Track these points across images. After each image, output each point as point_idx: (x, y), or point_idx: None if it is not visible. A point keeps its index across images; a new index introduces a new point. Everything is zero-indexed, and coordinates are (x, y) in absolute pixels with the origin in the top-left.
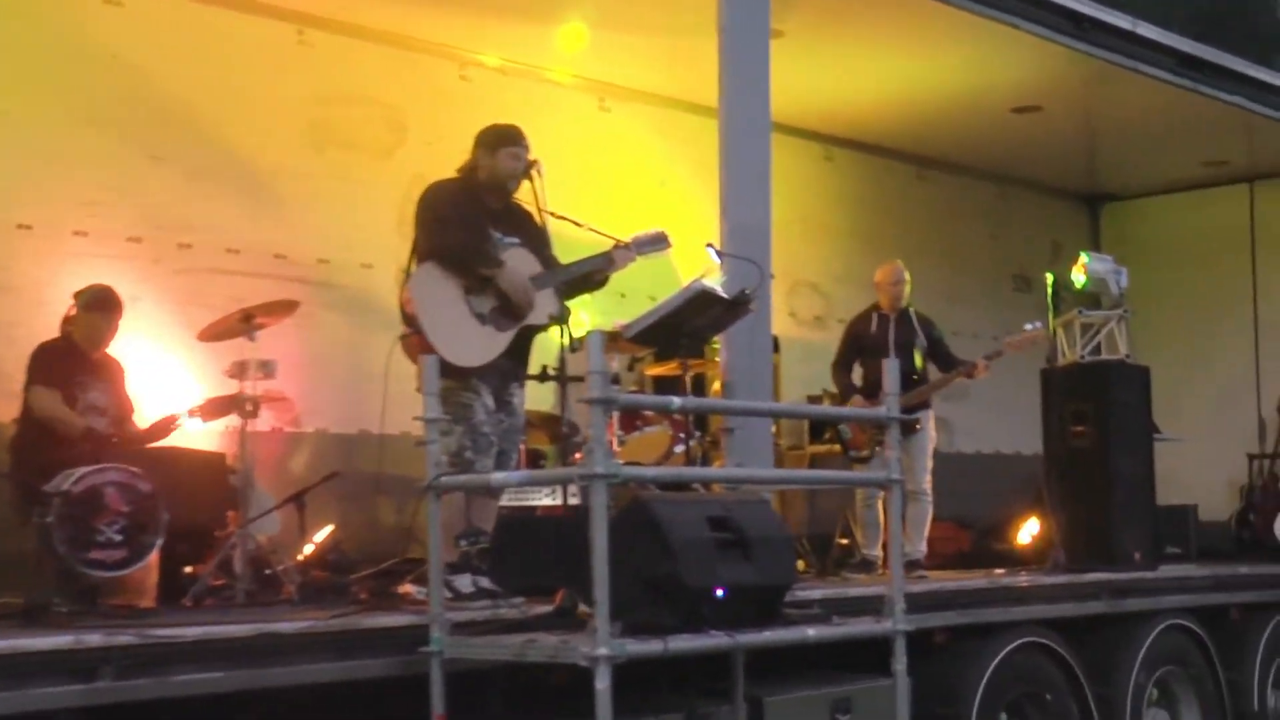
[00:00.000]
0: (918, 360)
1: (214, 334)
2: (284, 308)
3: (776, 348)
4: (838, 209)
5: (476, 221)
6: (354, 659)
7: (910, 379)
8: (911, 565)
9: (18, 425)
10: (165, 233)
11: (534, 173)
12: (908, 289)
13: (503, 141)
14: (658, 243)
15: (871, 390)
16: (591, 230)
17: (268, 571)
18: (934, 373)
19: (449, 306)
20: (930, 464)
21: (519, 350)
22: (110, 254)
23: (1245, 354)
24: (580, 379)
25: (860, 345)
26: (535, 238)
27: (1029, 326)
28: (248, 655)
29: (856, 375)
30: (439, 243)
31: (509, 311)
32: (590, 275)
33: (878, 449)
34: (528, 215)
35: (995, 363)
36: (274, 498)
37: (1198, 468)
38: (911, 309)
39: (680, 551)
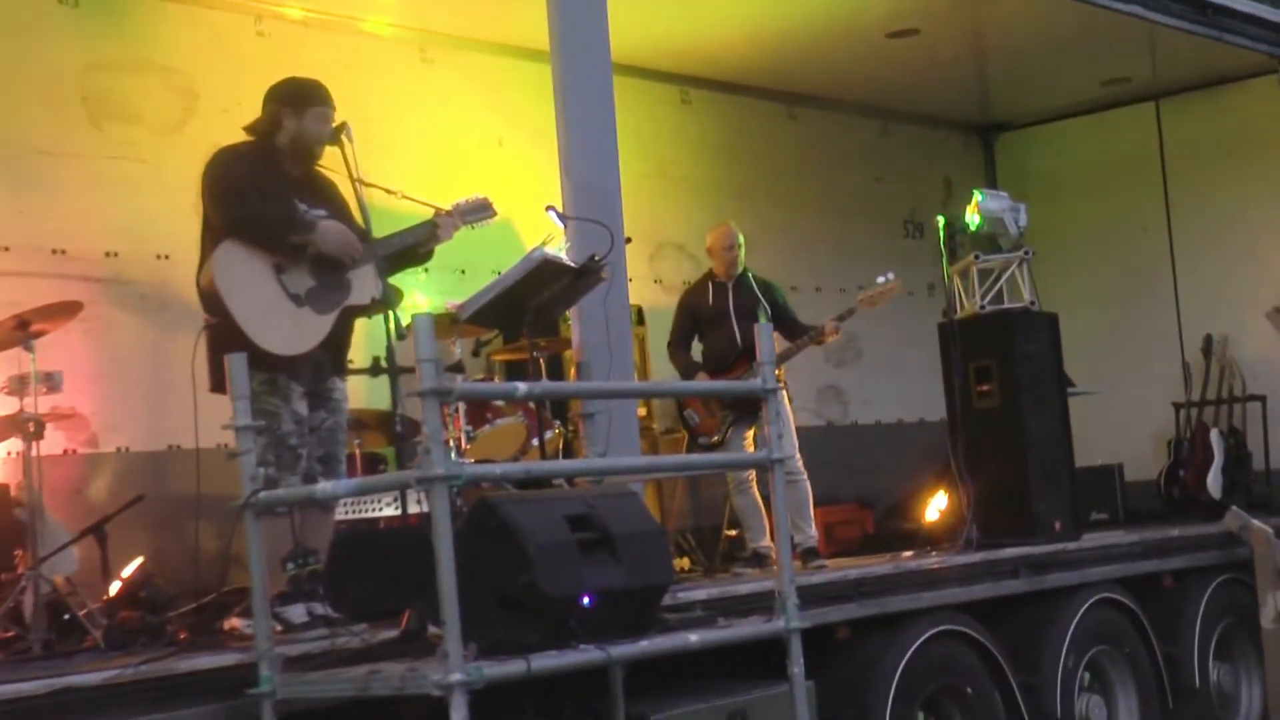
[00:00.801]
0: None
1: None
2: (66, 310)
3: (641, 319)
4: (700, 158)
5: (278, 190)
6: (171, 709)
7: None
8: (809, 554)
9: None
10: None
11: (343, 136)
12: (743, 253)
13: (310, 100)
14: (482, 211)
15: (717, 366)
16: (407, 198)
17: (67, 617)
18: (781, 342)
19: (259, 287)
20: (795, 440)
21: (338, 337)
22: None
23: (1164, 291)
24: (411, 370)
25: (698, 318)
26: (342, 210)
27: (881, 279)
28: (44, 716)
29: (696, 352)
30: (237, 215)
31: (328, 289)
32: (413, 248)
33: (730, 432)
34: (332, 184)
35: (849, 322)
36: (70, 531)
37: (1120, 422)
38: (750, 273)
39: (537, 557)
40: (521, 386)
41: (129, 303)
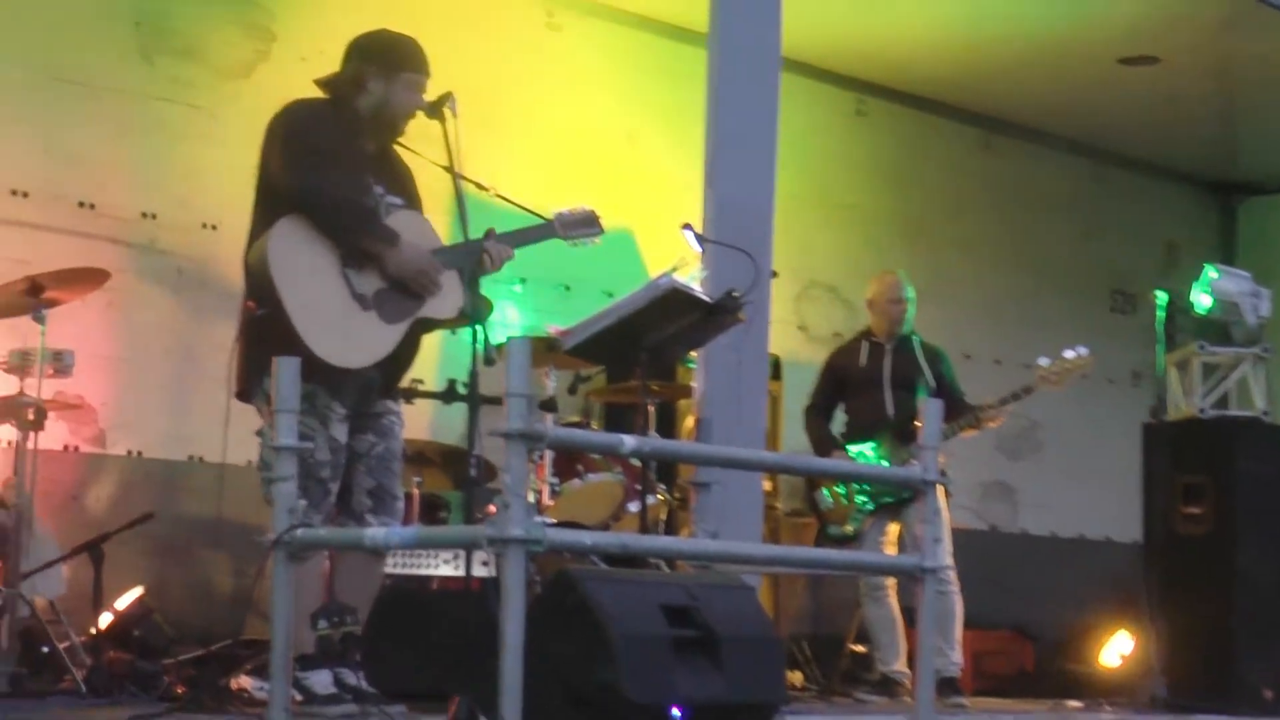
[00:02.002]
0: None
1: None
2: (88, 278)
3: (777, 373)
4: (870, 183)
5: (356, 167)
6: None
7: (910, 428)
8: (946, 686)
9: None
10: None
11: (446, 109)
12: (911, 310)
13: (403, 63)
14: (586, 226)
15: (861, 442)
16: (502, 198)
17: (45, 649)
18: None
19: (321, 279)
20: (950, 545)
21: (401, 353)
22: None
23: None
24: (497, 402)
25: (844, 382)
26: (415, 202)
27: (1070, 353)
28: None
29: (839, 423)
30: (311, 185)
31: (401, 295)
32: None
33: (866, 522)
34: (408, 170)
35: (1029, 406)
36: (60, 545)
37: None
38: (916, 336)
39: (622, 651)
40: (628, 440)
41: (163, 276)
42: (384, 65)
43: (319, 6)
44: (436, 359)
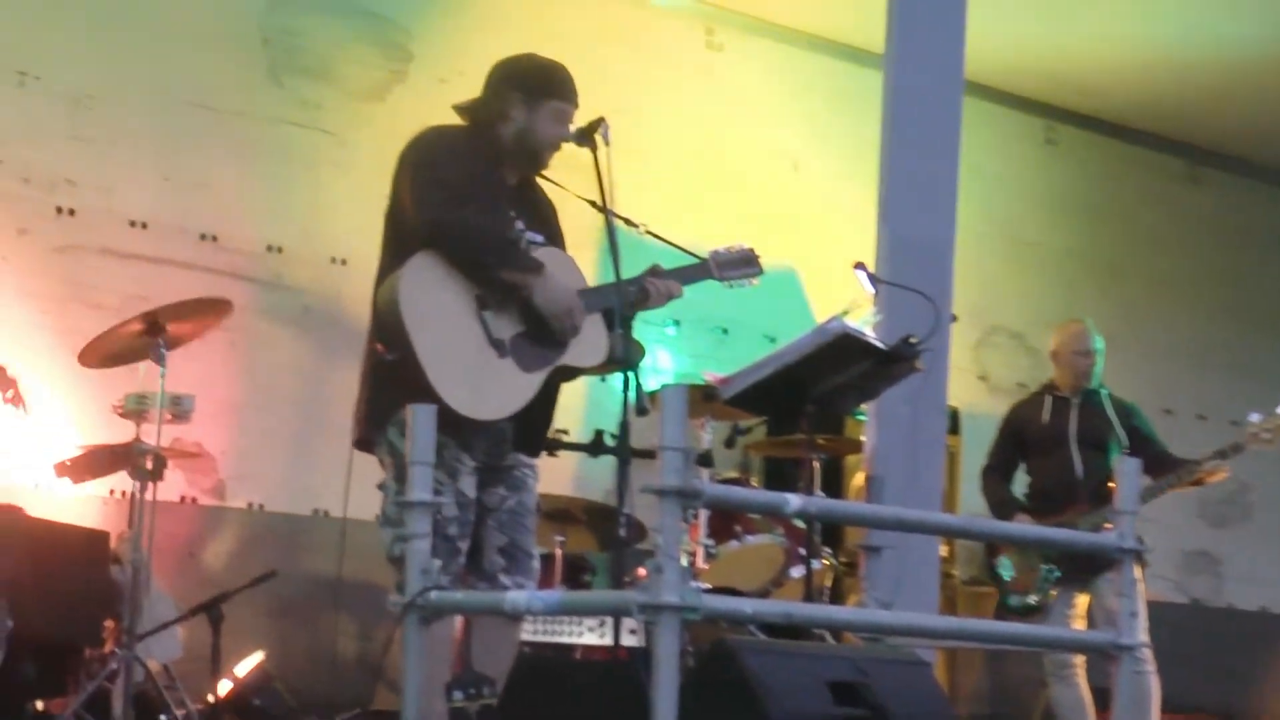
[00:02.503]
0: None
1: (102, 349)
2: (210, 312)
3: (955, 427)
4: (1060, 219)
5: (496, 199)
6: None
7: (1103, 488)
8: None
9: None
10: (35, 189)
11: (598, 137)
12: (1099, 363)
13: (548, 90)
14: (744, 267)
15: (1045, 505)
16: (652, 235)
17: (162, 718)
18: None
19: (455, 322)
20: (1146, 620)
21: (539, 403)
22: None
23: None
24: (650, 455)
25: (1026, 440)
26: (556, 235)
27: None
28: None
29: (1020, 485)
30: (446, 220)
31: (540, 341)
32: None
33: (1052, 593)
34: (550, 203)
35: (1235, 467)
36: (177, 605)
37: None
38: (1105, 390)
39: None
40: (793, 499)
41: (288, 315)
42: (528, 93)
43: (460, 24)
44: (583, 408)
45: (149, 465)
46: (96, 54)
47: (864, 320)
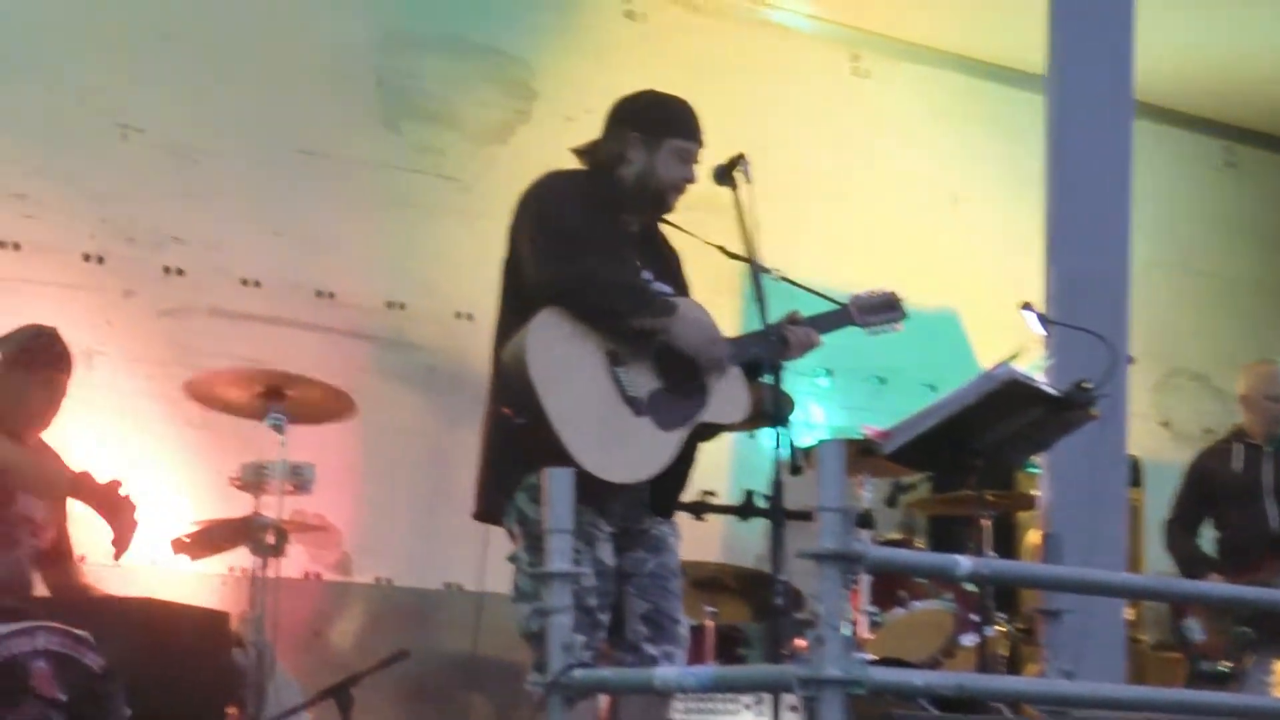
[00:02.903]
0: None
1: (215, 389)
2: (333, 402)
3: (1137, 478)
4: (1243, 249)
5: (619, 247)
6: None
7: None
8: None
9: None
10: (142, 249)
11: (738, 174)
12: None
13: (669, 128)
14: (886, 312)
15: (1237, 561)
16: (787, 281)
17: None
18: None
19: (588, 382)
20: None
21: (678, 464)
22: (54, 279)
23: None
24: (806, 517)
25: (1213, 491)
26: (684, 286)
27: None
28: None
29: (1207, 540)
30: (570, 273)
31: (679, 397)
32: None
33: (1248, 659)
34: (673, 251)
35: None
36: (303, 688)
37: None
38: None
39: None
40: (963, 561)
41: (412, 375)
42: (647, 132)
43: (586, 58)
44: (731, 467)
45: (270, 540)
46: (202, 104)
47: (1033, 365)
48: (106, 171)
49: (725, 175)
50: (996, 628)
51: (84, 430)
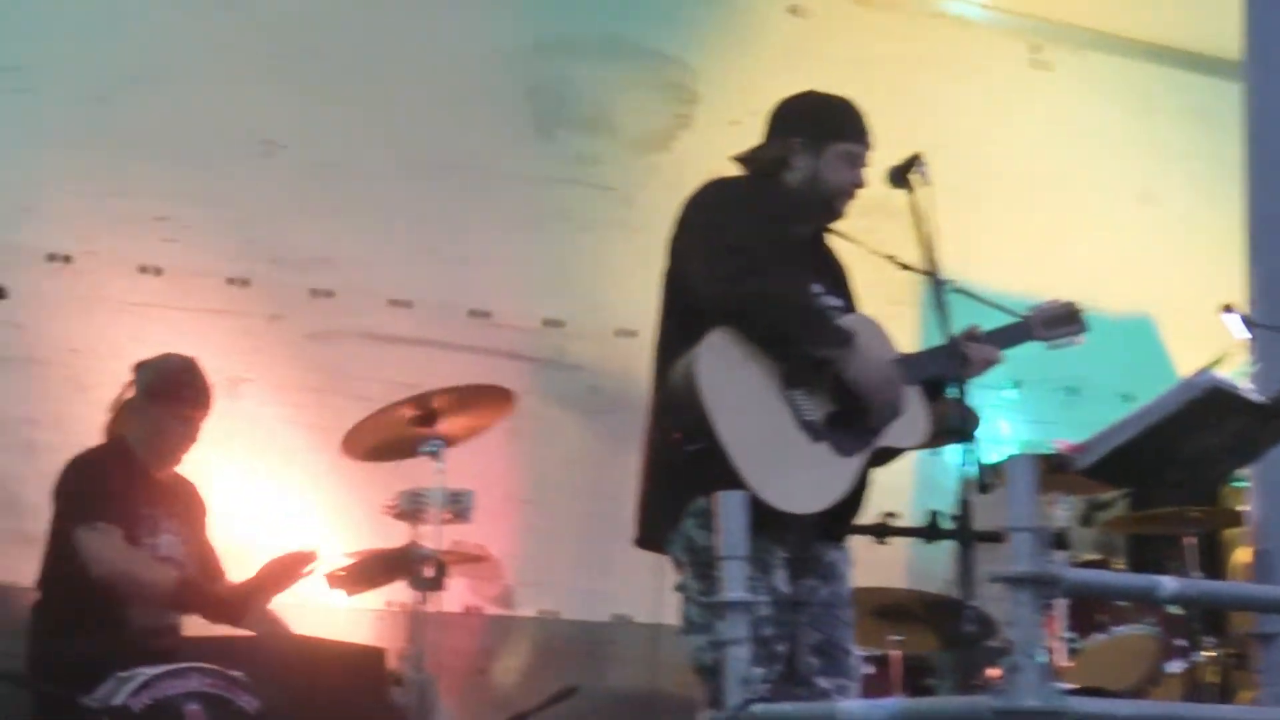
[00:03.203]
0: None
1: (369, 443)
2: (490, 401)
3: None
4: None
5: (790, 261)
6: None
7: None
8: None
9: (41, 592)
10: (288, 271)
11: (915, 174)
12: None
13: (833, 131)
14: (1065, 325)
15: None
16: (963, 294)
17: None
18: None
19: (762, 406)
20: None
21: (855, 490)
22: (197, 304)
23: None
24: (996, 538)
25: None
26: (853, 298)
27: None
28: None
29: None
30: (739, 291)
31: (858, 419)
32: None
33: None
34: (839, 257)
35: None
36: None
37: None
38: None
39: None
40: (1167, 582)
41: (573, 397)
42: (811, 135)
43: (750, 57)
44: (912, 486)
45: (429, 572)
46: (347, 118)
47: (1237, 371)
48: (250, 191)
49: (900, 177)
50: (1204, 653)
51: (229, 463)
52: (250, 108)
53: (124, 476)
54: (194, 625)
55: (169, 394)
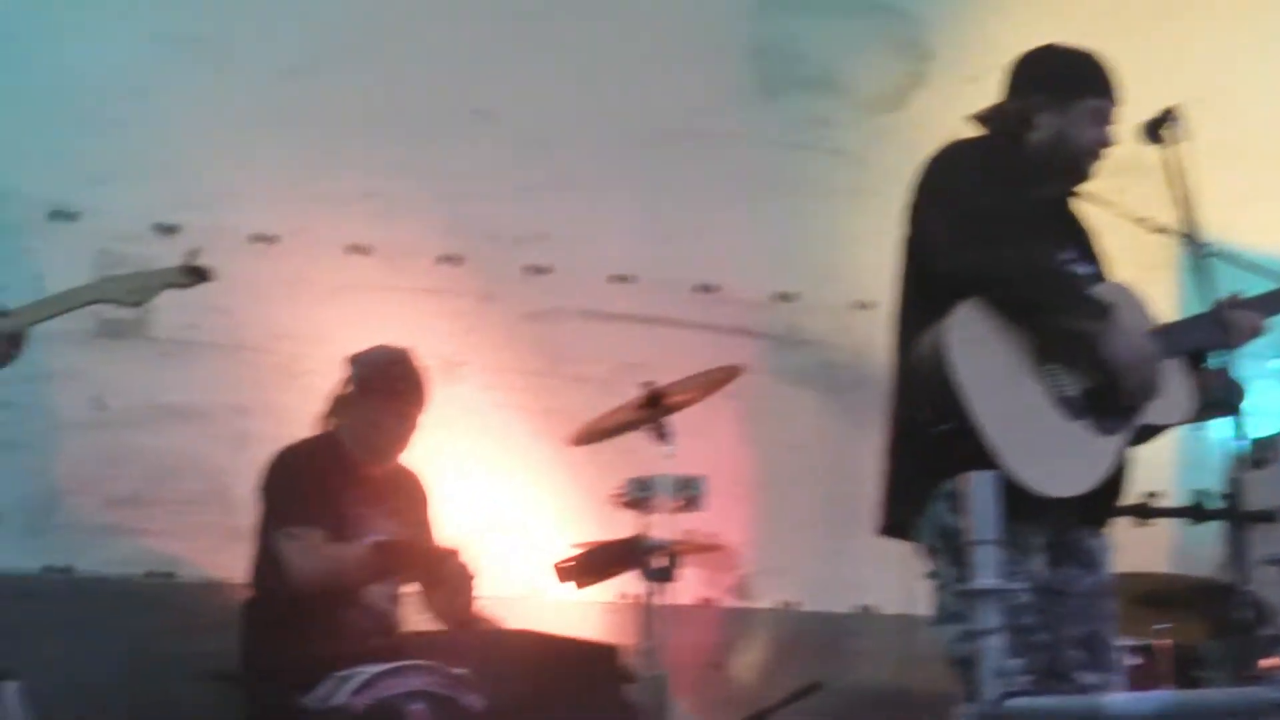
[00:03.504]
0: None
1: (593, 428)
2: (716, 379)
3: None
4: None
5: (1037, 228)
6: None
7: None
8: None
9: (254, 589)
10: (503, 248)
11: (1169, 130)
12: None
13: (1081, 87)
14: None
15: None
16: (1213, 256)
17: None
18: None
19: (1016, 384)
20: None
21: (1116, 471)
22: (408, 285)
23: None
24: (1270, 518)
25: None
26: (1102, 264)
27: None
28: None
29: None
30: (987, 261)
31: (1115, 396)
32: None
33: None
34: (1087, 221)
35: None
36: None
37: None
38: None
39: None
40: None
41: (808, 375)
42: (1055, 92)
43: (988, 9)
44: (1175, 464)
45: (661, 563)
46: (561, 85)
47: None
48: (461, 165)
49: (1154, 133)
50: None
51: (445, 451)
52: (459, 77)
53: (331, 473)
54: (414, 623)
55: (383, 388)
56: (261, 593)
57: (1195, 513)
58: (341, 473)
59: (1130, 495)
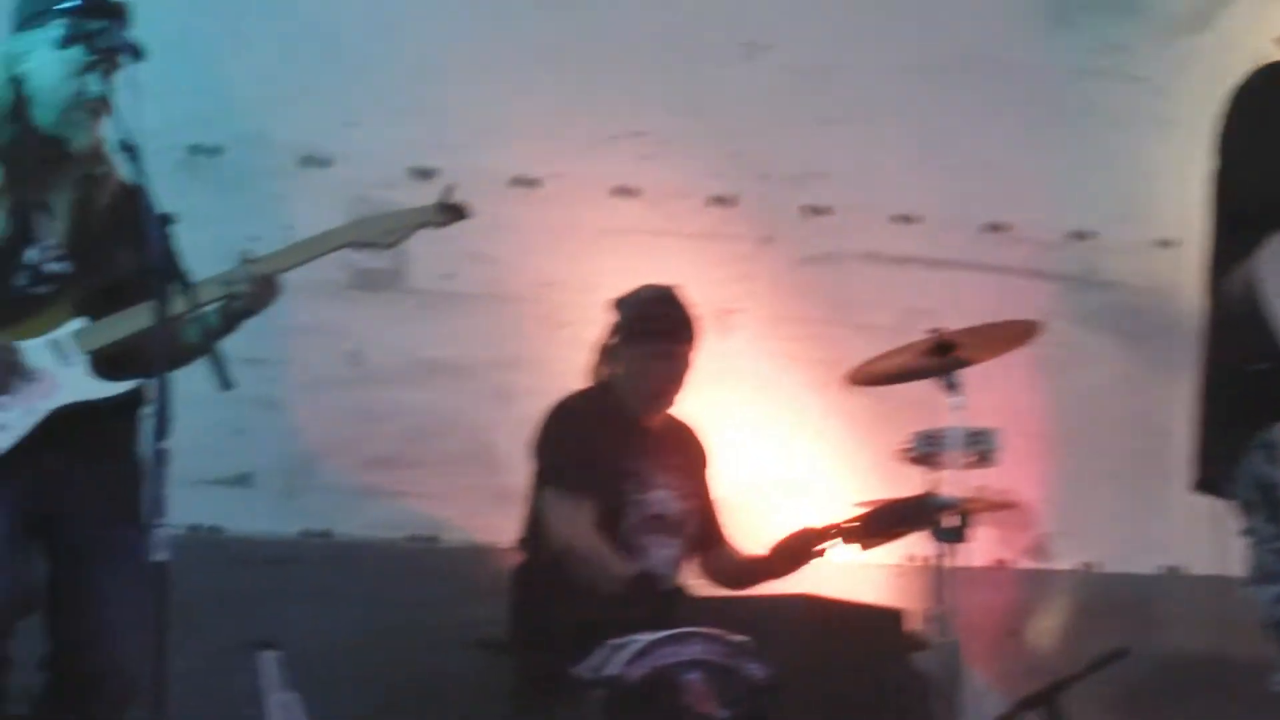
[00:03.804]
0: None
1: (874, 368)
2: (1012, 335)
3: None
4: None
5: None
6: None
7: None
8: None
9: (523, 553)
10: (779, 188)
11: None
12: None
13: None
14: None
15: None
16: None
17: None
18: None
19: None
20: None
21: None
22: (678, 228)
23: None
24: None
25: None
26: None
27: None
28: None
29: None
30: None
31: None
32: None
33: None
34: None
35: None
36: (1000, 696)
37: None
38: None
39: None
40: None
41: (1108, 319)
42: None
43: None
44: None
45: (953, 522)
46: (837, 13)
47: None
48: (732, 99)
49: None
50: None
51: (719, 405)
52: (729, 5)
53: (606, 427)
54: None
55: (646, 329)
56: (531, 556)
57: None
58: (617, 426)
59: None
